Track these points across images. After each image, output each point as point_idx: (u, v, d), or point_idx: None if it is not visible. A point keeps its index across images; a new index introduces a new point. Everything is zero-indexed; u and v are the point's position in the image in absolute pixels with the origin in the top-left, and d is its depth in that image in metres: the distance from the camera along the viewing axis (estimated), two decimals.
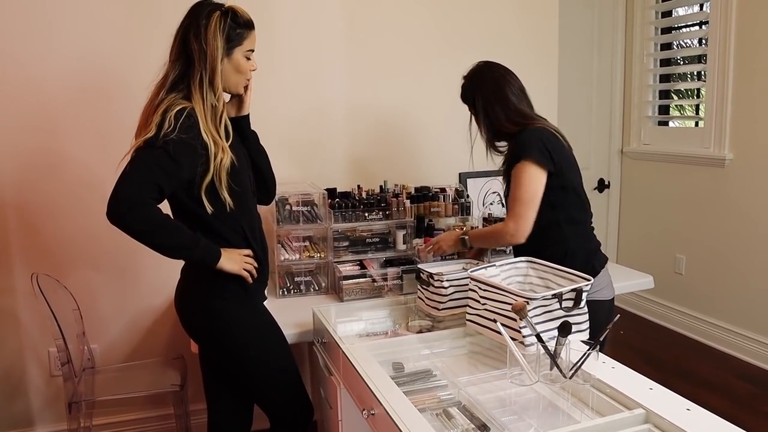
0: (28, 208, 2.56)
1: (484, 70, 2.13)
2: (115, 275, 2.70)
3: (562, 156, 2.00)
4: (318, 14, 2.82)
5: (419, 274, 2.00)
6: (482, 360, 1.71)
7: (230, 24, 1.72)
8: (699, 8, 3.84)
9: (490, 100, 2.07)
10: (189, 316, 1.88)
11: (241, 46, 1.76)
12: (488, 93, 2.08)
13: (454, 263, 2.14)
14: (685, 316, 3.97)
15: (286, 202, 2.46)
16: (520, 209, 1.94)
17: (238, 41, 1.75)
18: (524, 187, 1.95)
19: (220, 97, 1.75)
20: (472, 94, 2.12)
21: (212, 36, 1.70)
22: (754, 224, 3.46)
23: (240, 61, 1.77)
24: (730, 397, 3.14)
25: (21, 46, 2.46)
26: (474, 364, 1.70)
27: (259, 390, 1.93)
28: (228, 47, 1.73)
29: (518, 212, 1.95)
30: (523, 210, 1.94)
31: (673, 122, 4.21)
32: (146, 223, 1.63)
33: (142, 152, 1.64)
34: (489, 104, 2.07)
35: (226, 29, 1.72)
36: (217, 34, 1.70)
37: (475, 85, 2.11)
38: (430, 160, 3.05)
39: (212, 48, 1.70)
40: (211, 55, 1.70)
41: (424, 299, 1.97)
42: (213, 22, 1.70)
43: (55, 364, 2.63)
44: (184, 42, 1.72)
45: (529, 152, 1.95)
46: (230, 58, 1.75)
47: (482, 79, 2.11)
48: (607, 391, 1.40)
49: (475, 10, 3.06)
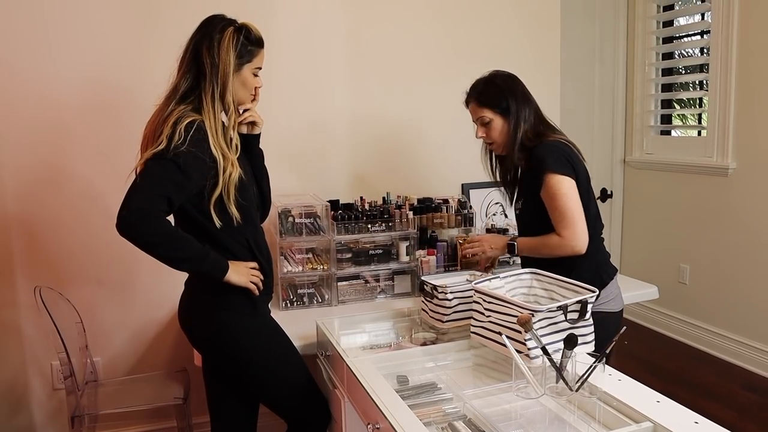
0: (31, 221, 2.56)
1: (513, 77, 2.09)
2: (118, 288, 2.69)
3: (580, 168, 2.01)
4: (321, 26, 2.83)
5: (423, 286, 1.99)
6: (487, 372, 1.70)
7: (243, 41, 1.75)
8: (701, 18, 3.85)
9: (521, 109, 2.03)
10: (195, 329, 1.87)
11: (250, 63, 1.78)
12: (519, 101, 2.04)
13: (458, 275, 2.13)
14: (690, 326, 3.95)
15: (288, 214, 2.46)
16: (573, 218, 1.92)
17: (248, 58, 1.77)
18: (567, 196, 1.93)
19: (231, 111, 1.76)
20: (504, 99, 2.03)
21: (225, 51, 1.72)
22: (758, 233, 3.45)
23: (248, 78, 1.79)
24: (735, 408, 3.12)
25: (26, 61, 2.47)
26: (479, 377, 1.69)
27: (272, 397, 1.93)
28: (238, 63, 1.75)
29: (572, 221, 1.92)
30: (577, 217, 1.92)
31: (675, 131, 4.21)
32: (156, 234, 1.63)
33: (153, 164, 1.64)
34: (521, 112, 2.03)
35: (238, 46, 1.73)
36: (230, 50, 1.72)
37: (508, 91, 2.04)
38: (433, 171, 3.05)
39: (224, 63, 1.72)
40: (224, 69, 1.72)
41: (428, 311, 1.96)
42: (226, 38, 1.72)
43: (58, 377, 2.62)
44: (196, 55, 1.74)
45: (555, 165, 1.94)
46: (239, 74, 1.77)
47: (514, 85, 2.06)
48: (613, 404, 1.39)
49: (478, 22, 3.07)
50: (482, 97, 2.07)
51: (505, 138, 2.06)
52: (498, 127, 2.05)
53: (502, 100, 2.04)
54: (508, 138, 2.05)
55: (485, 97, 2.06)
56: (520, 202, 2.12)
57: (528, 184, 2.05)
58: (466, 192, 3.03)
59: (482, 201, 3.07)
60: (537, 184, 1.98)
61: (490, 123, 2.06)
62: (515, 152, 2.04)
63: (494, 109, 2.05)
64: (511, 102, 2.02)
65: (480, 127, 2.09)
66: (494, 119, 2.05)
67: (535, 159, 1.99)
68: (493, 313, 1.63)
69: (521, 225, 2.16)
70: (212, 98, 1.72)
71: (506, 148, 2.07)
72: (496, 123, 2.05)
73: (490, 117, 2.05)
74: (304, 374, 1.94)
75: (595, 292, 1.62)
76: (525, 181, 2.07)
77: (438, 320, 1.91)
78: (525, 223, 2.13)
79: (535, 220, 2.03)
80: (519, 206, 2.13)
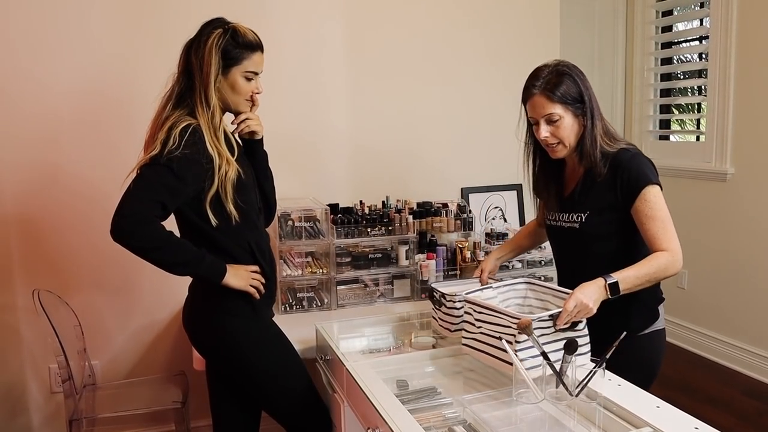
0: (31, 224, 2.56)
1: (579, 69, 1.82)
2: (117, 291, 2.69)
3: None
4: (321, 31, 2.83)
5: (432, 293, 1.94)
6: (487, 377, 1.69)
7: (229, 42, 1.72)
8: (699, 23, 3.86)
9: (596, 107, 1.78)
10: (198, 334, 1.87)
11: (239, 66, 1.74)
12: (593, 98, 1.79)
13: (468, 282, 2.01)
14: (689, 331, 3.95)
15: (288, 218, 2.46)
16: (674, 232, 1.74)
17: (235, 61, 1.74)
18: (666, 210, 1.76)
19: (215, 112, 1.73)
20: (581, 95, 1.76)
21: (208, 53, 1.70)
22: (757, 238, 3.45)
23: (237, 82, 1.75)
24: (736, 414, 3.12)
25: (30, 61, 2.48)
26: (479, 381, 1.68)
27: (273, 404, 1.92)
28: (224, 65, 1.72)
29: (674, 235, 1.73)
30: (674, 231, 1.74)
31: (674, 136, 4.21)
32: (149, 240, 1.64)
33: (146, 170, 1.64)
34: (596, 111, 1.78)
35: (222, 47, 1.71)
36: (212, 51, 1.70)
37: (584, 86, 1.78)
38: (433, 175, 3.05)
39: (207, 64, 1.70)
40: (206, 71, 1.70)
41: (437, 319, 1.93)
42: (211, 39, 1.71)
43: (56, 380, 2.61)
44: (187, 57, 1.74)
45: (654, 175, 1.77)
46: (226, 77, 1.74)
47: (586, 78, 1.81)
48: (613, 409, 1.39)
49: (477, 27, 3.07)
50: (556, 90, 1.74)
51: (575, 140, 1.78)
52: (568, 126, 1.76)
53: (578, 95, 1.76)
54: (579, 140, 1.78)
55: (559, 91, 1.74)
56: (578, 215, 1.82)
57: (601, 195, 1.78)
58: (465, 196, 3.04)
59: (482, 205, 3.07)
60: (622, 196, 1.75)
61: (558, 121, 1.75)
62: (597, 159, 1.76)
63: (567, 106, 1.75)
64: (586, 98, 1.76)
65: (545, 125, 1.77)
66: (565, 117, 1.75)
67: (623, 168, 1.75)
68: (484, 324, 1.62)
69: (574, 242, 1.83)
70: (199, 100, 1.71)
71: (573, 151, 1.80)
72: (567, 121, 1.76)
73: (561, 114, 1.75)
74: (305, 382, 1.93)
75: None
76: (596, 192, 1.79)
77: (446, 329, 1.89)
78: (583, 241, 1.81)
79: (599, 236, 1.80)
80: (575, 220, 1.83)
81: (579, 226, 1.81)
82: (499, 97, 3.11)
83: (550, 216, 1.93)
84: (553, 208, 1.91)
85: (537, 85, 1.76)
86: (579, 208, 1.82)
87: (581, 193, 1.82)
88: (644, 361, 1.81)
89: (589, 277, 1.64)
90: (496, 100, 3.11)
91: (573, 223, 1.83)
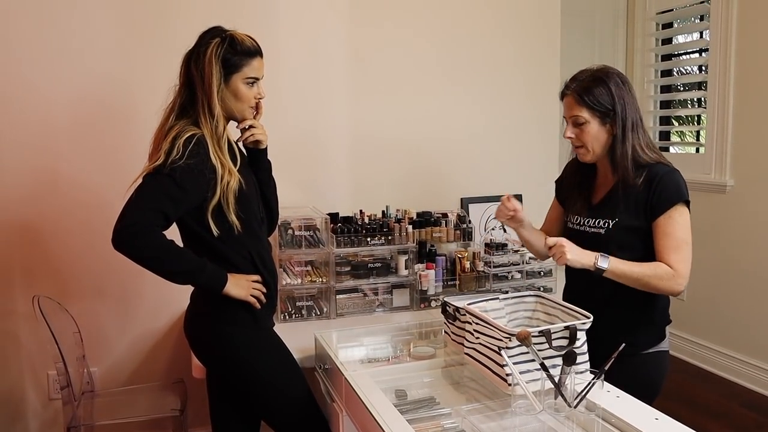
0: (31, 231, 2.56)
1: (625, 78, 1.80)
2: (116, 298, 2.69)
3: None
4: (323, 39, 2.85)
5: (445, 307, 1.87)
6: (486, 388, 1.69)
7: (228, 50, 1.72)
8: (699, 36, 3.88)
9: (628, 118, 1.75)
10: (199, 342, 1.87)
11: (239, 73, 1.75)
12: (629, 109, 1.76)
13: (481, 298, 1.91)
14: (688, 343, 3.94)
15: (288, 227, 2.46)
16: (689, 254, 1.72)
17: (236, 68, 1.74)
18: (685, 232, 1.73)
19: (219, 121, 1.74)
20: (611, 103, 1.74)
21: (208, 62, 1.71)
22: (756, 250, 3.45)
23: (239, 89, 1.76)
24: (734, 426, 3.11)
25: (32, 69, 2.49)
26: (478, 392, 1.68)
27: (272, 413, 1.92)
28: (225, 74, 1.73)
29: (688, 257, 1.72)
30: (690, 255, 1.73)
31: (673, 148, 4.22)
32: (151, 249, 1.64)
33: (149, 179, 1.65)
34: (627, 122, 1.75)
35: (221, 56, 1.71)
36: (212, 61, 1.71)
37: (618, 95, 1.75)
38: (432, 185, 3.06)
39: (208, 75, 1.71)
40: (207, 81, 1.71)
41: (450, 334, 1.86)
42: (210, 49, 1.71)
43: (54, 387, 2.60)
44: (188, 69, 1.76)
45: (687, 194, 1.75)
46: (228, 85, 1.75)
47: (627, 88, 1.78)
48: (612, 421, 1.39)
49: (478, 39, 3.09)
50: (586, 94, 1.75)
51: (601, 147, 1.79)
52: (593, 132, 1.77)
53: (608, 103, 1.75)
54: (604, 148, 1.79)
55: (589, 96, 1.74)
56: (605, 221, 1.81)
57: (632, 205, 1.77)
58: (465, 206, 3.04)
59: (481, 215, 3.07)
60: (651, 208, 1.75)
61: (584, 125, 1.77)
62: (629, 169, 1.76)
63: (594, 112, 1.75)
64: (618, 108, 1.74)
65: (571, 126, 1.80)
66: (591, 122, 1.76)
67: (658, 181, 1.74)
68: (482, 335, 1.61)
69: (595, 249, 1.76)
70: (203, 111, 1.72)
71: (603, 158, 1.82)
72: (592, 127, 1.77)
73: (587, 119, 1.76)
74: (304, 391, 1.92)
75: (590, 318, 1.56)
76: (627, 201, 1.77)
77: (460, 344, 1.79)
78: (605, 249, 1.76)
79: (622, 245, 1.78)
80: (601, 225, 1.83)
81: (604, 232, 1.81)
82: (499, 108, 3.12)
83: (574, 220, 1.92)
84: (579, 212, 1.91)
85: (571, 86, 1.80)
86: (608, 215, 1.81)
87: (612, 200, 1.82)
88: (647, 380, 1.82)
89: (601, 285, 1.68)
90: (495, 110, 3.12)
91: (599, 229, 1.83)
